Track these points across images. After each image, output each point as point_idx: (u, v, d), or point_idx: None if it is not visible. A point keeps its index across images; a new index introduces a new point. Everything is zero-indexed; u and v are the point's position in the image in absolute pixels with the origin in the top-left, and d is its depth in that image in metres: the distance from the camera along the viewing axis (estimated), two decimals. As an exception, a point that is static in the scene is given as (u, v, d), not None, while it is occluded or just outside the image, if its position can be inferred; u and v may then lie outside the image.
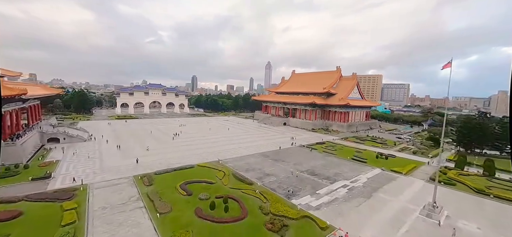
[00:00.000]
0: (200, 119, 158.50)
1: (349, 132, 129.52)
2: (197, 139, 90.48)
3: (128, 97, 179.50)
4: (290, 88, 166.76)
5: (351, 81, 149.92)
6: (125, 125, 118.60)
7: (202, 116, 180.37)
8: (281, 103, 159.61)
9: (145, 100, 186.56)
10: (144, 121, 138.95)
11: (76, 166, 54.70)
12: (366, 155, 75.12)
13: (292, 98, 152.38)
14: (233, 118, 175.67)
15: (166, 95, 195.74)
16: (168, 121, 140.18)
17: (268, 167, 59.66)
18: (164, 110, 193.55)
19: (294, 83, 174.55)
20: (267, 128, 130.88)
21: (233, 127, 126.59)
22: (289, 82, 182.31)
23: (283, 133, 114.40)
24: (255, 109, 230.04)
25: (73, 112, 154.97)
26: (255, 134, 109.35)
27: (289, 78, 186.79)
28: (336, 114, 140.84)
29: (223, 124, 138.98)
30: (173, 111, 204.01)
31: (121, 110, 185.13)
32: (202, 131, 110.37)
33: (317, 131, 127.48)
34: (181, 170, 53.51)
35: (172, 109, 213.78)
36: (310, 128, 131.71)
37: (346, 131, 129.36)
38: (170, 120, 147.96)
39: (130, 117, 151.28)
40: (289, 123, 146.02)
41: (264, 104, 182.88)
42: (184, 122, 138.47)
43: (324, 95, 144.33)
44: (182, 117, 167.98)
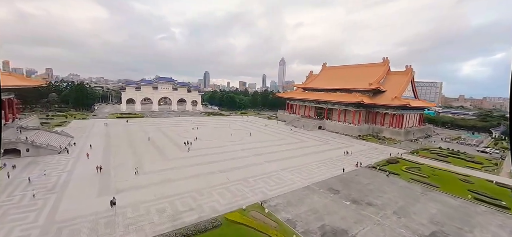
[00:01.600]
0: (216, 119, 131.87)
1: (406, 140, 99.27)
2: (217, 153, 63.32)
3: (135, 92, 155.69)
4: (323, 84, 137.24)
5: (404, 76, 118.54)
6: (125, 126, 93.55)
7: (218, 115, 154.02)
8: (313, 101, 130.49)
9: (154, 95, 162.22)
10: (150, 121, 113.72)
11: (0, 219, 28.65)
12: (484, 187, 46.47)
13: (327, 96, 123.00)
14: (253, 118, 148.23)
15: (177, 90, 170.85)
16: (179, 122, 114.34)
17: (353, 222, 31.73)
18: (174, 107, 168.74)
19: (327, 78, 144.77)
20: (301, 133, 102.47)
21: (257, 131, 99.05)
22: (319, 77, 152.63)
23: (326, 142, 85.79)
24: (274, 108, 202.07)
25: (72, 109, 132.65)
26: (291, 142, 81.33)
27: (319, 73, 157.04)
28: (386, 116, 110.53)
29: (244, 126, 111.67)
30: (184, 108, 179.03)
31: (127, 107, 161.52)
32: (221, 137, 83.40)
33: (366, 138, 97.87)
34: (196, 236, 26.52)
35: (184, 106, 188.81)
36: (356, 135, 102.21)
37: (403, 139, 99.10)
38: (181, 119, 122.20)
39: (134, 115, 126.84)
40: (325, 127, 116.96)
41: (290, 102, 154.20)
42: (197, 122, 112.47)
43: (369, 93, 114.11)
44: (195, 116, 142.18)
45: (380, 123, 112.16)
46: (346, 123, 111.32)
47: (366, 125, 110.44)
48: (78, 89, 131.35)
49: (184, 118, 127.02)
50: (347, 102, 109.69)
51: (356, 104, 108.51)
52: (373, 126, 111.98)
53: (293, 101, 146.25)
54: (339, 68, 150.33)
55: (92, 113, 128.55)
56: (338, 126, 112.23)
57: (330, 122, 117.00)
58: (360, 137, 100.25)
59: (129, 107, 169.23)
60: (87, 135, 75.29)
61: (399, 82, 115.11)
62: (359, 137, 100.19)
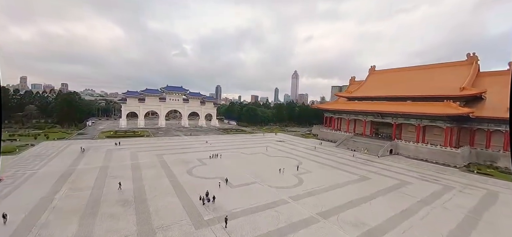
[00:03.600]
0: (240, 139, 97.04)
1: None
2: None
3: (137, 104, 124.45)
4: (379, 91, 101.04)
5: (505, 76, 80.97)
6: (109, 154, 60.12)
7: (239, 132, 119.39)
8: (371, 114, 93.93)
9: (160, 108, 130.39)
10: (151, 143, 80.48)
11: None
12: None
13: (396, 106, 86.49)
14: (283, 136, 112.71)
15: (188, 102, 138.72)
16: (190, 145, 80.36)
17: None
18: (185, 122, 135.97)
19: (380, 83, 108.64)
20: (374, 162, 65.91)
21: (313, 162, 63.08)
22: (368, 83, 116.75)
23: (447, 186, 48.71)
24: (302, 122, 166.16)
25: (57, 124, 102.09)
26: (387, 187, 44.83)
27: (367, 78, 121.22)
28: (493, 135, 72.56)
29: (285, 150, 76.12)
30: (197, 123, 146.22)
31: (128, 122, 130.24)
32: (263, 177, 47.94)
33: (472, 170, 59.88)
34: None
35: (196, 120, 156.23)
36: (460, 164, 64.64)
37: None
38: (193, 140, 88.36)
39: (133, 133, 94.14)
40: (398, 150, 79.71)
41: (332, 115, 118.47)
42: (216, 144, 78.13)
43: (459, 101, 76.73)
44: (211, 133, 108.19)
45: (486, 145, 74.04)
46: (434, 146, 73.67)
47: (466, 148, 72.51)
48: (65, 101, 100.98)
49: (197, 139, 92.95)
50: (436, 114, 72.69)
51: (452, 117, 71.56)
52: (476, 150, 73.93)
53: (337, 114, 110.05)
54: (394, 71, 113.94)
55: (80, 130, 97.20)
56: (422, 150, 74.71)
57: (404, 143, 79.65)
58: (467, 168, 62.53)
59: (131, 122, 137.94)
60: (26, 176, 42.05)
61: (498, 84, 77.39)
62: (465, 168, 62.50)
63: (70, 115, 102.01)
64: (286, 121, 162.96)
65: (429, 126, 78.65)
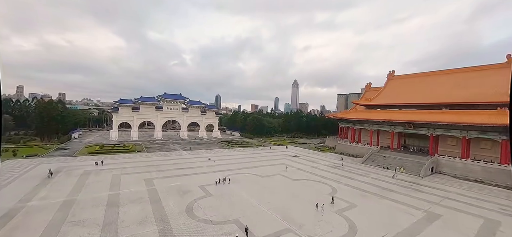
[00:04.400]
0: (249, 155, 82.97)
1: None
2: None
3: (131, 114, 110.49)
4: (406, 97, 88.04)
5: None
6: (84, 178, 45.81)
7: (244, 145, 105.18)
8: (397, 123, 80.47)
9: (157, 118, 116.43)
10: (142, 161, 66.30)
11: None
12: None
13: (429, 115, 73.18)
14: (296, 149, 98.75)
15: (188, 111, 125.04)
16: (190, 163, 66.30)
17: None
18: (184, 134, 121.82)
19: (402, 90, 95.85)
20: (416, 186, 51.96)
21: (348, 188, 49.04)
22: (388, 89, 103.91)
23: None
24: (310, 132, 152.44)
25: (36, 137, 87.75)
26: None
27: (386, 84, 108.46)
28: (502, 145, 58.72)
29: (306, 170, 62.03)
30: (197, 134, 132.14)
31: (120, 134, 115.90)
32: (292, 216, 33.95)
33: None
34: None
35: (196, 131, 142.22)
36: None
37: None
38: (193, 157, 74.32)
39: (123, 148, 79.83)
40: (441, 168, 65.76)
41: (347, 125, 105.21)
42: (220, 161, 63.97)
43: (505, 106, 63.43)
44: (214, 147, 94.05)
45: (549, 162, 60.33)
46: (490, 163, 59.88)
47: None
48: (45, 110, 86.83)
49: (197, 154, 78.77)
50: (491, 124, 59.23)
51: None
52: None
53: (357, 125, 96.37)
54: (418, 76, 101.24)
55: (61, 145, 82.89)
56: (473, 168, 60.83)
57: (448, 160, 65.74)
58: (546, 194, 48.60)
59: (124, 133, 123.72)
60: None
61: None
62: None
63: (51, 126, 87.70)
64: (294, 131, 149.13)
65: (475, 139, 65.20)
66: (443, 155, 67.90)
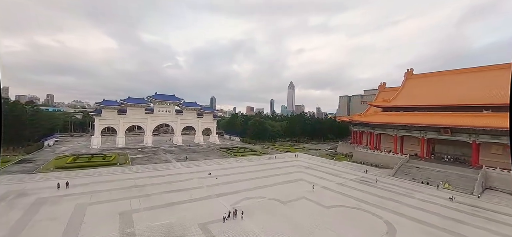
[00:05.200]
0: (255, 166, 69.53)
1: None
2: None
3: (116, 117, 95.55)
4: (433, 98, 76.54)
5: None
6: (33, 215, 31.52)
7: (248, 152, 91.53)
8: (429, 128, 68.69)
9: (147, 121, 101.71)
10: (121, 179, 52.16)
11: None
12: None
13: (468, 118, 61.62)
14: (306, 157, 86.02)
15: (182, 114, 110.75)
16: (184, 181, 52.66)
17: None
18: (178, 139, 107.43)
19: (425, 90, 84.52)
20: (485, 211, 39.65)
21: (399, 220, 36.15)
22: (407, 89, 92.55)
23: None
24: (315, 136, 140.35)
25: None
26: None
27: (403, 83, 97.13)
28: None
29: (333, 191, 49.13)
30: (192, 139, 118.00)
31: (104, 139, 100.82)
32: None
33: None
34: None
35: (191, 136, 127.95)
36: None
37: None
38: (189, 172, 60.54)
39: (103, 159, 65.07)
40: (492, 183, 53.86)
41: (362, 129, 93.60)
42: (223, 177, 50.41)
43: None
44: (213, 156, 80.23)
45: None
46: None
47: None
48: (10, 113, 71.18)
49: (194, 167, 64.86)
50: None
51: None
52: None
53: (378, 129, 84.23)
54: (441, 74, 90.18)
55: (28, 155, 67.71)
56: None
57: (501, 173, 53.95)
58: None
59: (109, 140, 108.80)
60: None
61: None
62: None
63: (18, 132, 72.17)
64: (298, 135, 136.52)
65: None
66: (493, 167, 56.14)
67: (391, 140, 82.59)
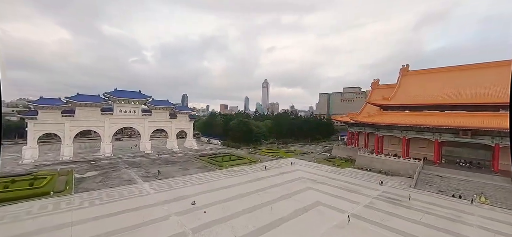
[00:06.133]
0: (251, 183, 54.76)
1: None
2: None
3: (60, 120, 72.65)
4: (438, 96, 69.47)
5: None
6: None
7: (233, 160, 75.87)
8: (444, 130, 60.91)
9: (103, 125, 79.98)
10: (43, 228, 33.20)
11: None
12: None
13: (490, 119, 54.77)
14: (303, 164, 73.86)
15: (151, 114, 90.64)
16: (157, 221, 35.70)
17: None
18: (146, 146, 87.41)
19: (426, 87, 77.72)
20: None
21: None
22: (405, 87, 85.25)
23: None
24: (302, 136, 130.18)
25: None
26: None
27: (399, 81, 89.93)
28: None
29: (370, 223, 36.60)
30: (164, 144, 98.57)
31: (42, 150, 77.10)
32: None
33: None
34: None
35: (162, 140, 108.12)
36: None
37: None
38: (162, 202, 43.50)
39: (27, 186, 44.51)
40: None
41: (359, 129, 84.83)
42: (212, 207, 34.76)
43: None
44: (193, 169, 63.23)
45: None
46: None
47: None
48: None
49: (170, 191, 47.78)
50: None
51: None
52: None
53: (383, 130, 74.79)
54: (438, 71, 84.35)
55: None
56: None
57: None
58: None
59: (53, 148, 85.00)
60: None
61: None
62: None
63: None
64: (286, 136, 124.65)
65: None
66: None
67: (395, 142, 74.36)
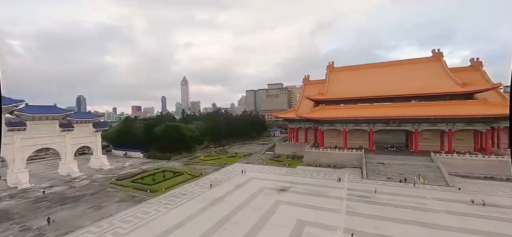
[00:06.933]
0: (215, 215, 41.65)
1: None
2: None
3: None
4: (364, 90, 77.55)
5: (472, 72, 78.00)
6: None
7: (170, 178, 58.87)
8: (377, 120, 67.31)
9: None
10: None
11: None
12: None
13: (411, 109, 64.35)
14: (260, 171, 66.40)
15: (26, 129, 59.18)
16: None
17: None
18: (20, 178, 56.29)
19: (352, 82, 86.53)
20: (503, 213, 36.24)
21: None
22: (334, 82, 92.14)
23: None
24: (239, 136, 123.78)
25: None
26: None
27: (328, 76, 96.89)
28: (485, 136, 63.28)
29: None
30: (56, 171, 67.90)
31: None
32: None
33: None
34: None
35: (52, 161, 75.34)
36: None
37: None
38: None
39: None
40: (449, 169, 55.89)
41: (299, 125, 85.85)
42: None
43: (458, 97, 64.51)
44: (110, 204, 43.27)
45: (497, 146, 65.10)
46: (486, 157, 55.36)
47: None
48: None
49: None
50: (485, 115, 54.59)
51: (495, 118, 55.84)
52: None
53: (326, 125, 75.99)
54: (359, 68, 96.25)
55: None
56: (474, 164, 54.35)
57: (446, 157, 57.04)
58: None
59: None
60: None
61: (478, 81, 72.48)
62: None
63: None
64: (221, 137, 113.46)
65: (457, 132, 60.99)
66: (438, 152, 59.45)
67: (334, 134, 78.16)
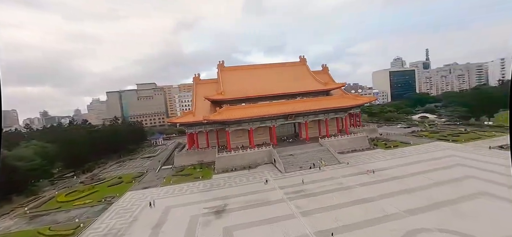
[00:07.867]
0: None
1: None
2: None
3: None
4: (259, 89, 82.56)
5: (322, 75, 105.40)
6: None
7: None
8: (279, 116, 73.02)
9: None
10: None
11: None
12: None
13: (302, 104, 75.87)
14: (174, 195, 51.74)
15: None
16: None
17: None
18: None
19: (245, 81, 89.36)
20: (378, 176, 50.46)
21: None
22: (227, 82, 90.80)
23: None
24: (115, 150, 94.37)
25: None
26: None
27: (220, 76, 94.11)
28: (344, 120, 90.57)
29: None
30: None
31: None
32: None
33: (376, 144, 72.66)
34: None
35: None
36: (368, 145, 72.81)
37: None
38: None
39: None
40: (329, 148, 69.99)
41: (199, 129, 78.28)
42: None
43: (322, 94, 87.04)
44: None
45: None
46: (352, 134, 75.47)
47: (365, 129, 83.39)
48: None
49: None
50: (350, 106, 74.51)
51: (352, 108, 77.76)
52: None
53: (233, 126, 71.18)
54: (248, 68, 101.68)
55: None
56: (343, 142, 72.86)
57: (328, 140, 71.84)
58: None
59: None
60: None
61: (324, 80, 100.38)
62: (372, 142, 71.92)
63: None
64: (84, 160, 79.33)
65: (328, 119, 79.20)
66: (322, 137, 73.99)
67: (240, 134, 77.09)
